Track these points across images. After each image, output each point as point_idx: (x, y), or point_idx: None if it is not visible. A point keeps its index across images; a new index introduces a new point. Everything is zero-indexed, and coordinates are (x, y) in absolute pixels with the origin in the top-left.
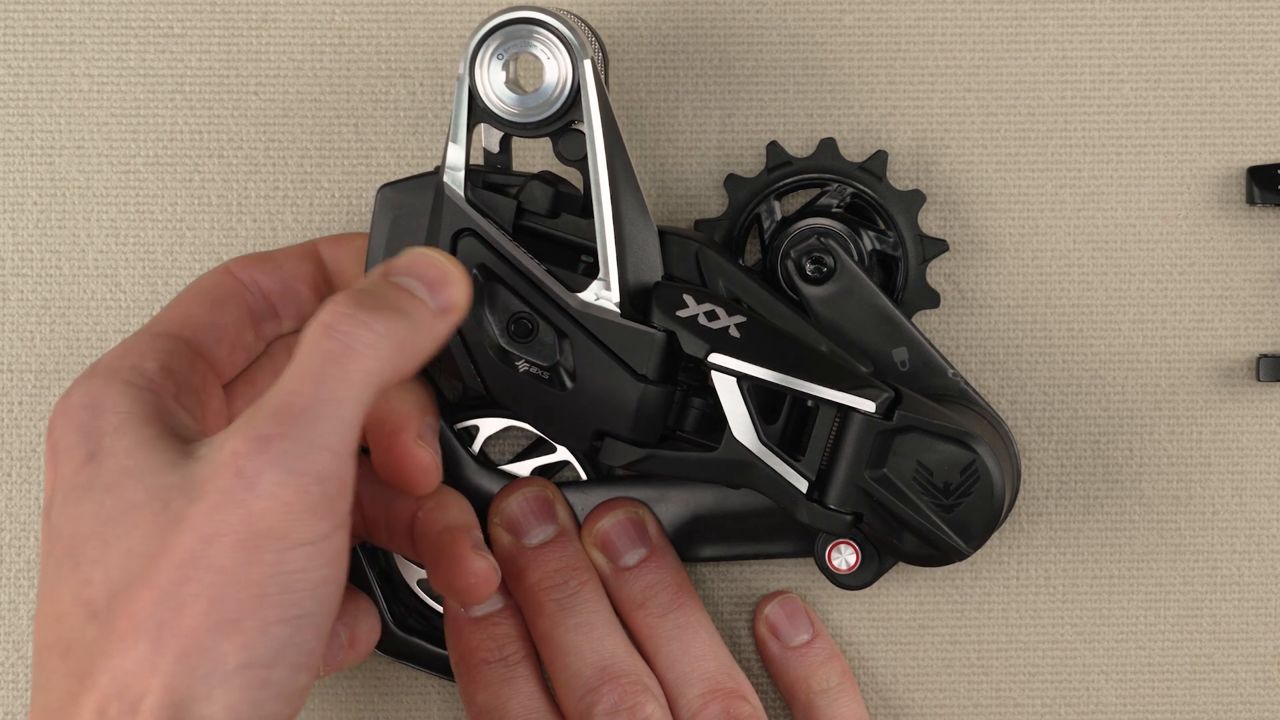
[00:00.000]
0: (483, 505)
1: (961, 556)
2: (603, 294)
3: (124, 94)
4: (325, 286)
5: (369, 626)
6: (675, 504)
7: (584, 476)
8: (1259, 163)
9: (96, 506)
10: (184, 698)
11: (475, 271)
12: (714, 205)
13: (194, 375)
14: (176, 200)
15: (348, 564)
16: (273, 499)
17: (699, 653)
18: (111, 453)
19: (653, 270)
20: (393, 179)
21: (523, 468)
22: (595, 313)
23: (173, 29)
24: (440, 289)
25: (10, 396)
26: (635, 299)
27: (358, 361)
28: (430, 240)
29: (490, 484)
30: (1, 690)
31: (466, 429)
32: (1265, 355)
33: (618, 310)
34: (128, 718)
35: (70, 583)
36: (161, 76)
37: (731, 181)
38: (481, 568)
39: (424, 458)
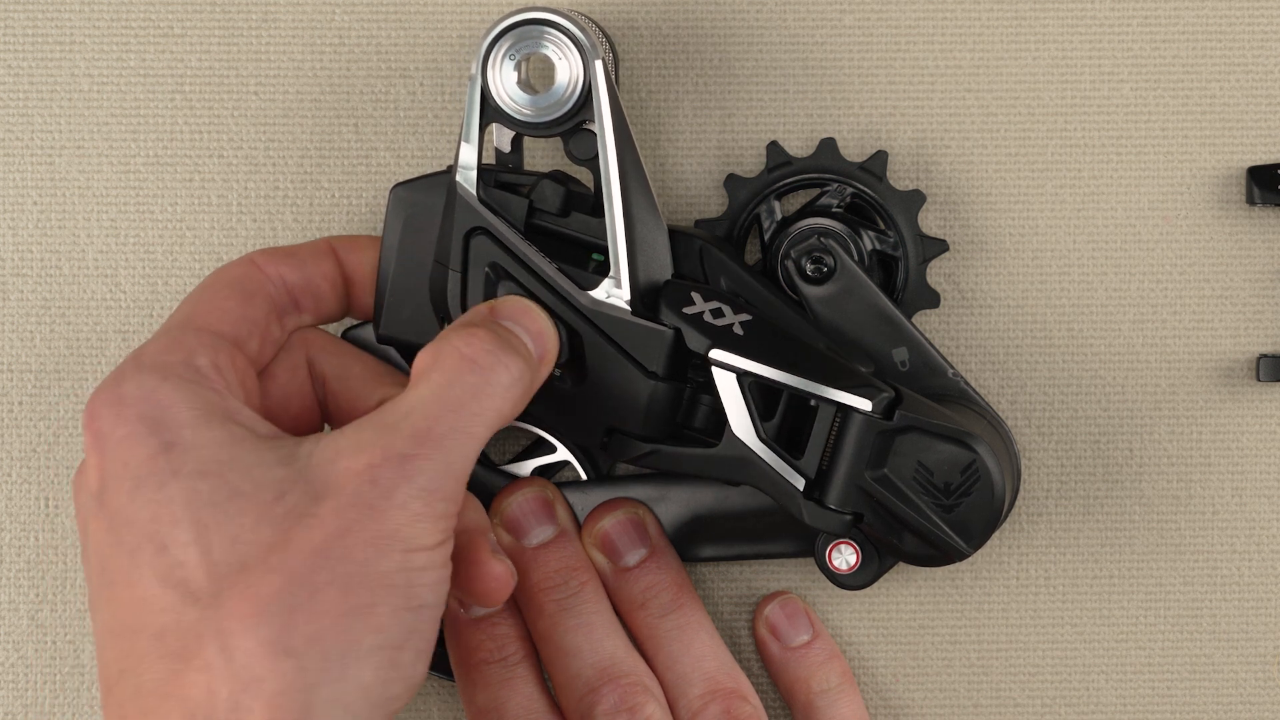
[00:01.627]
0: (483, 505)
1: (962, 556)
2: (614, 292)
3: (124, 94)
4: (342, 285)
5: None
6: (675, 504)
7: (584, 476)
8: (1259, 163)
9: (186, 493)
10: (315, 681)
11: (487, 269)
12: (714, 205)
13: (236, 370)
14: (176, 200)
15: (452, 564)
16: (404, 509)
17: (699, 653)
18: (197, 445)
19: (663, 269)
20: (393, 179)
21: (523, 468)
22: (606, 310)
23: (173, 29)
24: (540, 340)
25: (10, 396)
26: (646, 297)
27: (494, 401)
28: (443, 239)
29: (490, 484)
30: (1, 690)
31: None
32: (1265, 355)
33: (628, 308)
34: (247, 696)
35: (155, 566)
36: (161, 76)
37: (731, 181)
38: (500, 571)
39: (500, 571)
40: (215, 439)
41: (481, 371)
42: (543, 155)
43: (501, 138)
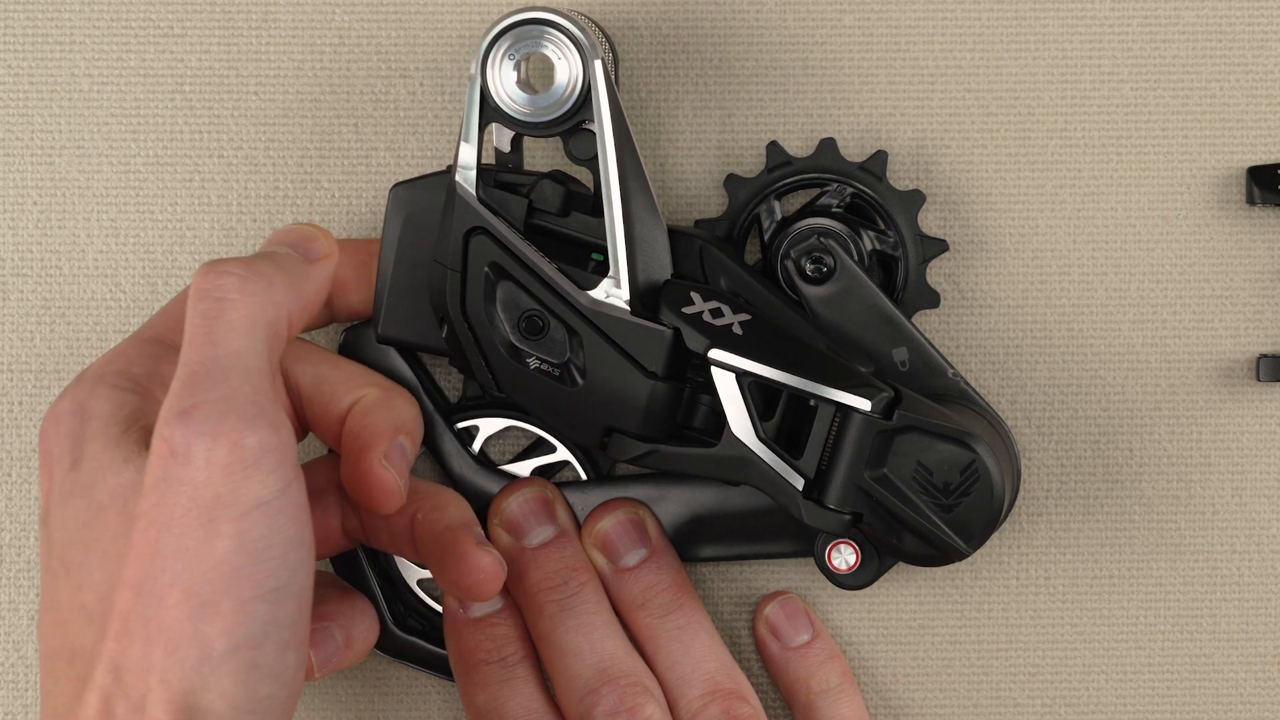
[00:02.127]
0: (483, 505)
1: (961, 556)
2: (613, 292)
3: (124, 94)
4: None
5: (366, 627)
6: (675, 504)
7: (584, 477)
8: (1259, 163)
9: (77, 512)
10: (184, 690)
11: (486, 269)
12: (714, 205)
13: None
14: (176, 200)
15: (311, 526)
16: (209, 465)
17: (699, 653)
18: (88, 456)
19: (662, 269)
20: (393, 179)
21: (523, 468)
22: (606, 310)
23: (173, 29)
24: (307, 245)
25: (10, 396)
26: (645, 297)
27: (234, 310)
28: (443, 239)
29: (490, 484)
30: (1, 690)
31: (466, 429)
32: (1265, 355)
33: (628, 308)
34: (134, 716)
35: (66, 589)
36: (161, 76)
37: (731, 181)
38: (488, 563)
39: (386, 479)
40: (98, 449)
41: (207, 293)
42: (543, 155)
43: (501, 138)
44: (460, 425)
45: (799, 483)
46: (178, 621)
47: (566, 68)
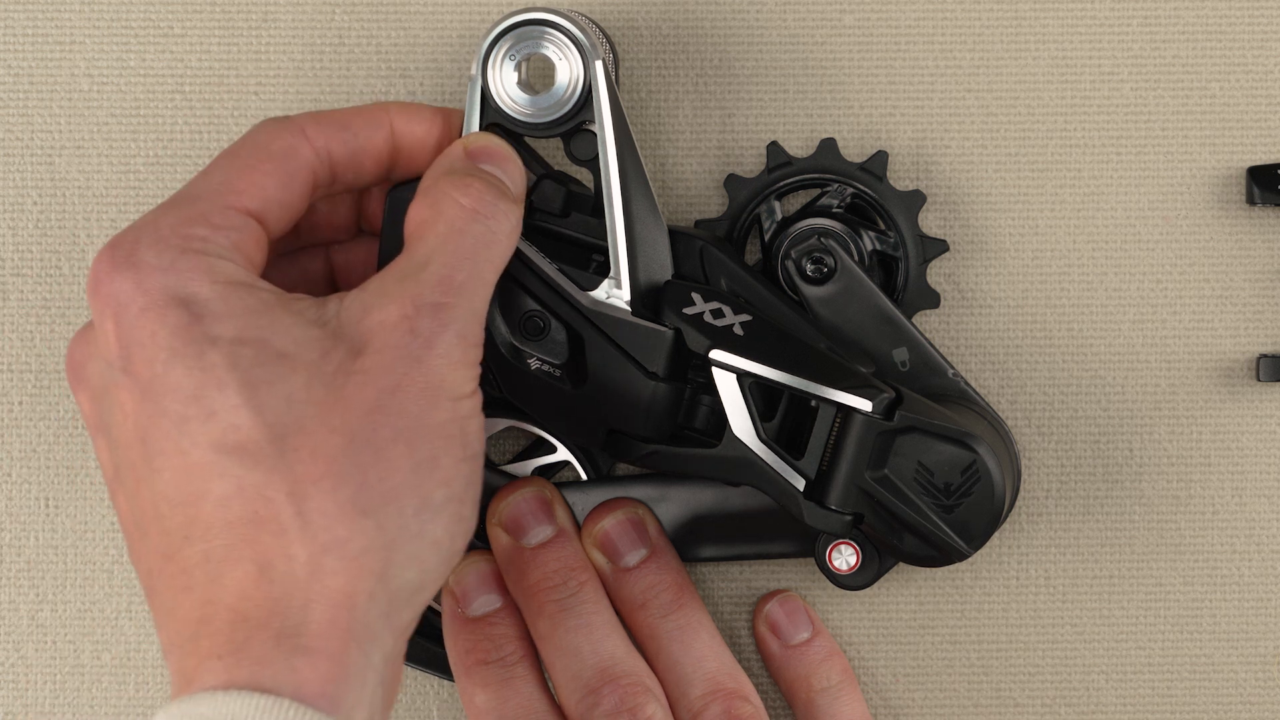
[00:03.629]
0: (483, 505)
1: (962, 557)
2: (614, 292)
3: (124, 94)
4: (389, 160)
5: None
6: (675, 504)
7: (584, 476)
8: (1259, 163)
9: (229, 358)
10: (393, 538)
11: None
12: (714, 205)
13: (259, 253)
14: None
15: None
16: (447, 357)
17: (700, 653)
18: (230, 313)
19: (663, 269)
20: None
21: (523, 468)
22: (606, 311)
23: (173, 29)
24: (520, 183)
25: (10, 396)
26: (646, 297)
27: (500, 247)
28: None
29: (490, 484)
30: (2, 690)
31: None
32: (1265, 355)
33: (629, 309)
34: (329, 558)
35: (207, 433)
36: (161, 76)
37: (731, 181)
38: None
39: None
40: (247, 306)
41: (485, 220)
42: (543, 155)
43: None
44: None
45: (800, 483)
46: (400, 472)
47: (567, 68)
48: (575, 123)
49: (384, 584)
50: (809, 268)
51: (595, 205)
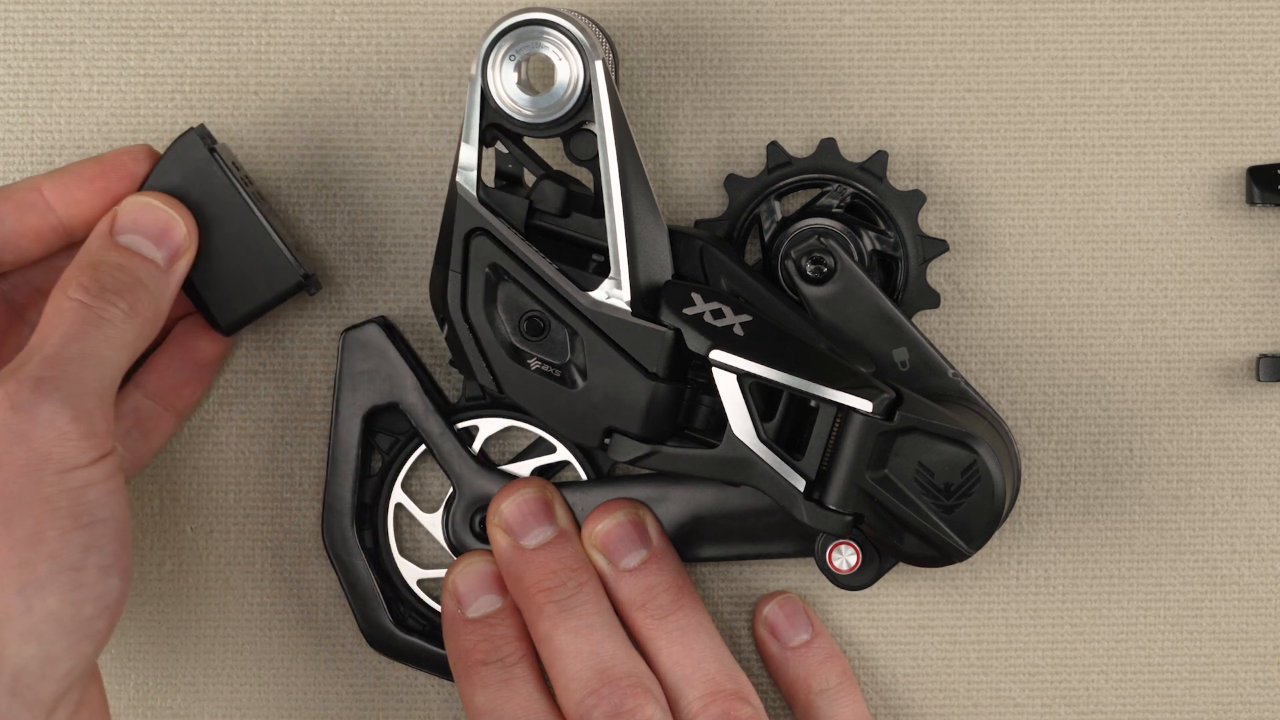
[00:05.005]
0: (483, 506)
1: (962, 557)
2: (614, 293)
3: (124, 94)
4: (54, 235)
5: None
6: (675, 504)
7: (584, 477)
8: (1259, 163)
9: None
10: (2, 619)
11: (487, 270)
12: (714, 205)
13: None
14: None
15: (124, 487)
16: (51, 429)
17: (700, 654)
18: None
19: (663, 269)
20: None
21: (523, 468)
22: (606, 311)
23: (173, 29)
24: (166, 239)
25: None
26: (646, 298)
27: (110, 329)
28: (443, 240)
29: (490, 484)
30: None
31: (466, 429)
32: (1265, 355)
33: (629, 309)
34: None
35: None
36: (161, 76)
37: (731, 181)
38: None
39: None
40: None
41: (91, 308)
42: (543, 155)
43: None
44: (460, 425)
45: (800, 484)
46: (1, 551)
47: (567, 68)
48: (575, 123)
49: (0, 666)
50: (809, 268)
51: (595, 205)
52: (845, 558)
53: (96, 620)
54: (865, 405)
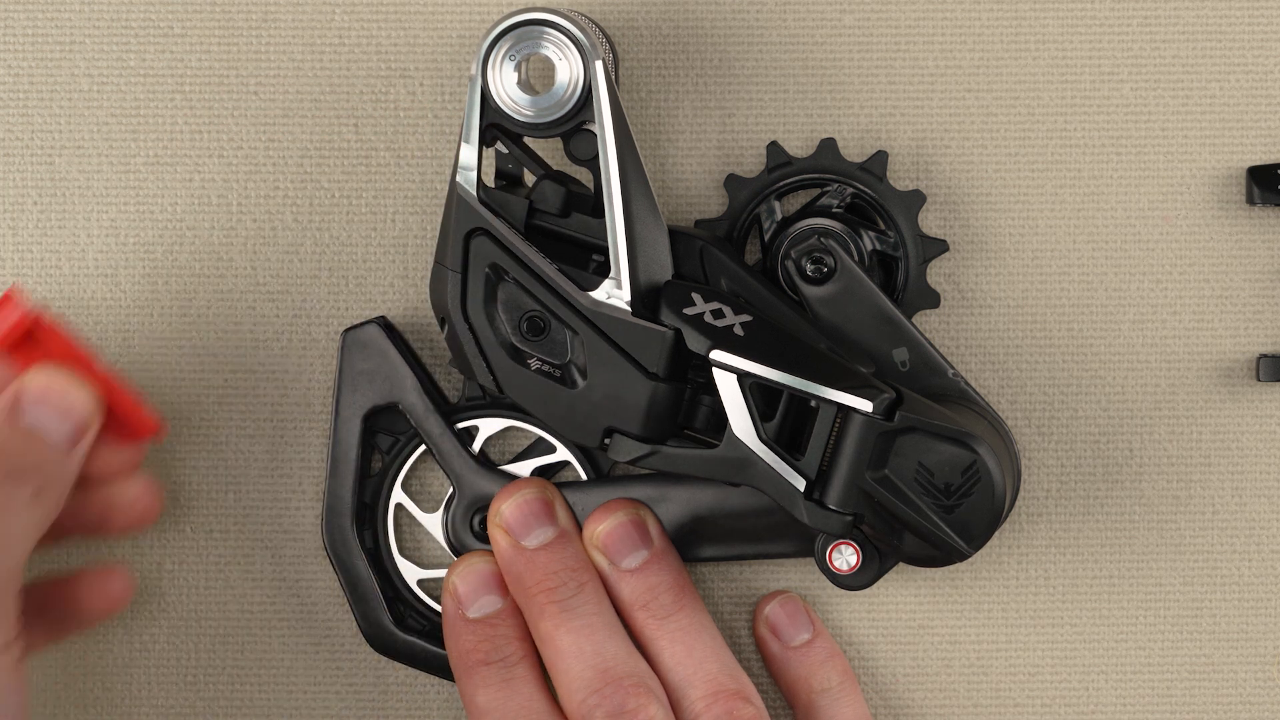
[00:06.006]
0: (483, 506)
1: (962, 557)
2: (614, 293)
3: (124, 94)
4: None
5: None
6: (675, 504)
7: (584, 477)
8: (1259, 163)
9: None
10: None
11: (487, 270)
12: (714, 205)
13: None
14: (176, 200)
15: (24, 676)
16: None
17: (702, 654)
18: None
19: (663, 269)
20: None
21: (523, 468)
22: (606, 311)
23: (173, 29)
24: (71, 415)
25: None
26: (646, 298)
27: (13, 515)
28: (443, 240)
29: (490, 484)
30: None
31: (466, 429)
32: (1265, 355)
33: (629, 309)
34: None
35: None
36: (161, 76)
37: (731, 181)
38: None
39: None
40: None
41: None
42: (543, 155)
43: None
44: (460, 425)
45: (800, 484)
46: None
47: (567, 68)
48: (575, 123)
49: None
50: (809, 268)
51: (595, 205)
52: (845, 558)
53: None
54: (865, 405)
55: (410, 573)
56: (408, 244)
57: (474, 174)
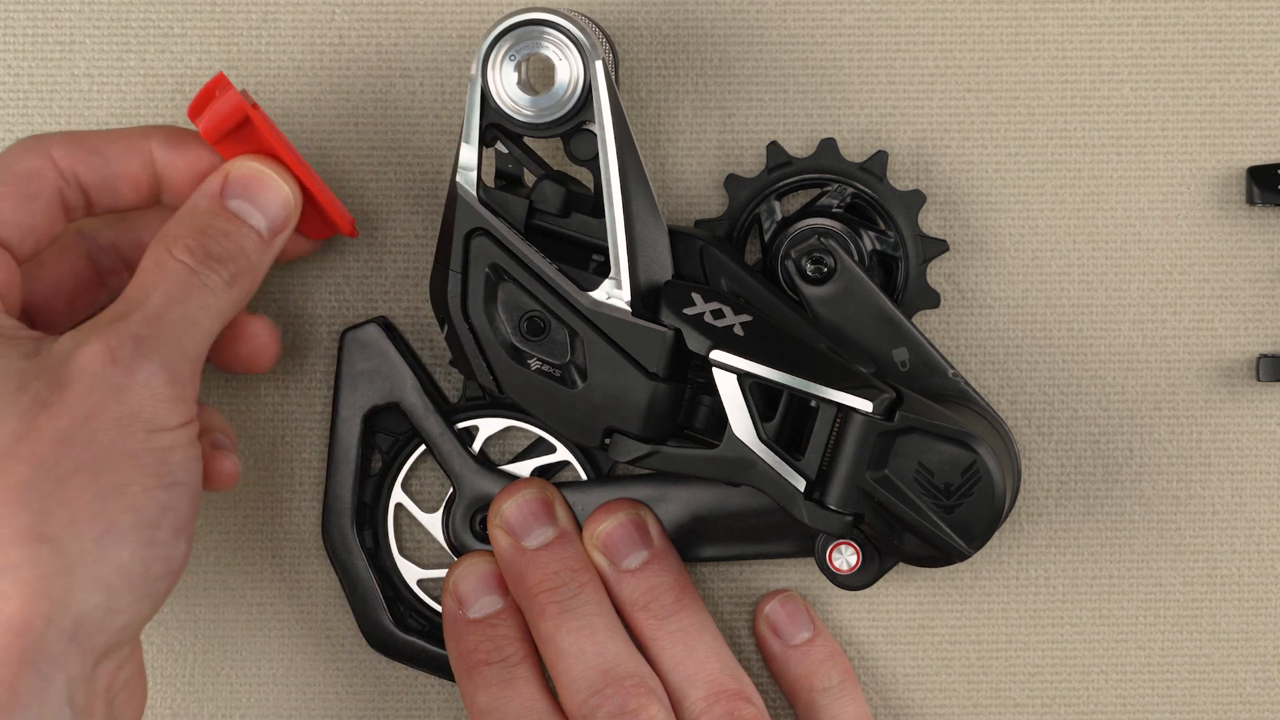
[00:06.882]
0: (483, 506)
1: (962, 557)
2: (614, 293)
3: (124, 94)
4: (149, 188)
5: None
6: (675, 504)
7: (584, 477)
8: (1259, 163)
9: None
10: (73, 563)
11: (488, 270)
12: (714, 205)
13: (3, 273)
14: None
15: (200, 450)
16: (147, 388)
17: (703, 655)
18: None
19: (663, 269)
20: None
21: (523, 468)
22: (606, 311)
23: (173, 29)
24: (272, 209)
25: None
26: (646, 298)
27: (210, 296)
28: (443, 240)
29: (490, 484)
30: None
31: (466, 429)
32: (1265, 355)
33: (629, 309)
34: (4, 583)
35: None
36: (161, 76)
37: (731, 181)
38: (228, 467)
39: (228, 466)
40: None
41: (196, 273)
42: (543, 155)
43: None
44: (460, 425)
45: (800, 484)
46: (81, 499)
47: (567, 68)
48: (575, 123)
49: (65, 609)
50: (809, 268)
51: (595, 205)
52: (845, 558)
53: (160, 581)
54: (865, 405)
55: (410, 573)
56: (408, 244)
57: (474, 174)
